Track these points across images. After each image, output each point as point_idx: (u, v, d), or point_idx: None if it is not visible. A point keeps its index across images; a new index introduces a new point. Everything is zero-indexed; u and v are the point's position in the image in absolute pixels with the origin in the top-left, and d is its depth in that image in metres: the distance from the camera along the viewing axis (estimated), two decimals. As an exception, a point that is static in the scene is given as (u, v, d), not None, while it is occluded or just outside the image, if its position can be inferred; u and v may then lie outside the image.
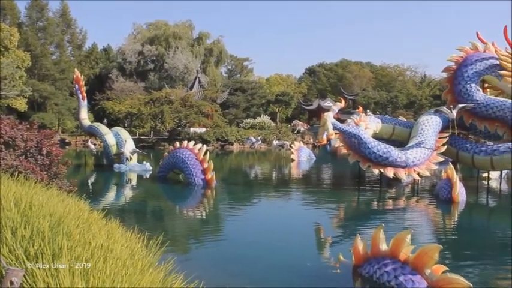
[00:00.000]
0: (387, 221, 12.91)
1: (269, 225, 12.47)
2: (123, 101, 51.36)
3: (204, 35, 76.32)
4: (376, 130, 19.87)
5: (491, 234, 12.24)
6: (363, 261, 7.53)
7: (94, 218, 6.69)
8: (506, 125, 18.36)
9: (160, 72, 68.36)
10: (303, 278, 7.63)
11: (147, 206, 15.54)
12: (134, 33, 73.52)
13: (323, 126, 16.64)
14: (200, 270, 7.00)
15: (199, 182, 18.10)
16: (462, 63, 19.61)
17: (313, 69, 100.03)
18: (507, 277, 8.18)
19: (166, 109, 48.10)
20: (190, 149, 18.84)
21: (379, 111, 65.81)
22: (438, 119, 18.91)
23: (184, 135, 46.91)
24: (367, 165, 17.07)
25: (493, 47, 19.67)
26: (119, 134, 26.19)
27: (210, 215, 14.24)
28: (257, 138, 49.50)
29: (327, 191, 19.79)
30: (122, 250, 4.75)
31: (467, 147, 18.66)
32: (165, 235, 9.22)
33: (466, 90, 19.09)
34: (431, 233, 12.02)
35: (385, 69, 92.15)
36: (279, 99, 75.15)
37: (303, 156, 33.56)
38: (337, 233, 11.82)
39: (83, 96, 27.81)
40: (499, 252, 10.07)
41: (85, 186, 19.28)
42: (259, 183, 22.44)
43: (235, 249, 9.59)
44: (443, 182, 16.01)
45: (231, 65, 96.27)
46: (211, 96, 55.63)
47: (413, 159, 16.88)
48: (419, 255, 6.65)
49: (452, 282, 6.33)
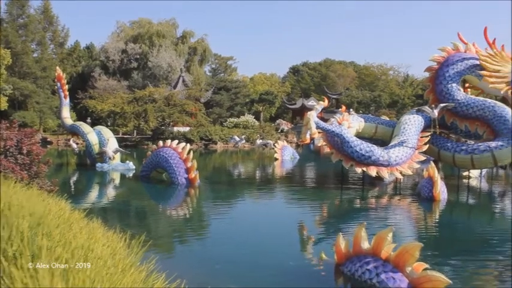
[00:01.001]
0: (369, 219, 13.02)
1: (252, 224, 12.49)
2: (106, 99, 50.83)
3: (188, 34, 75.95)
4: (359, 129, 20.03)
5: (471, 231, 12.41)
6: (345, 260, 7.59)
7: (75, 217, 6.63)
8: (486, 124, 18.64)
9: (143, 71, 67.86)
10: (285, 277, 7.66)
11: (129, 205, 15.45)
12: (117, 31, 72.86)
13: (306, 125, 16.71)
14: (182, 269, 6.99)
15: (183, 181, 18.04)
16: (444, 63, 19.86)
17: (297, 68, 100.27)
18: (486, 273, 8.32)
19: (150, 108, 47.82)
20: (174, 148, 18.76)
21: (362, 110, 66.26)
22: (420, 118, 19.13)
23: (168, 134, 46.71)
24: (350, 164, 17.19)
25: (474, 48, 19.95)
26: (101, 133, 25.97)
27: (193, 214, 14.21)
28: (241, 137, 49.48)
29: (310, 189, 19.86)
30: (103, 250, 4.72)
31: (448, 146, 18.91)
32: (148, 234, 9.19)
33: (447, 89, 19.34)
34: (412, 231, 12.15)
35: (369, 68, 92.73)
36: (262, 98, 75.25)
37: (286, 155, 33.62)
38: (320, 232, 11.89)
39: (65, 95, 27.51)
40: (479, 249, 10.23)
41: (67, 186, 19.08)
42: (242, 182, 22.44)
43: (218, 248, 9.58)
44: (425, 181, 16.19)
45: (215, 64, 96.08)
46: (195, 95, 55.39)
47: (396, 158, 17.05)
48: (400, 253, 6.74)
49: (432, 279, 6.43)
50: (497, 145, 17.55)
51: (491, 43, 19.11)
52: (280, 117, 76.99)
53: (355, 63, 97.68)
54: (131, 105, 48.68)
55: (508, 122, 17.82)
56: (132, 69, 68.04)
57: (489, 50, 19.16)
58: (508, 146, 17.47)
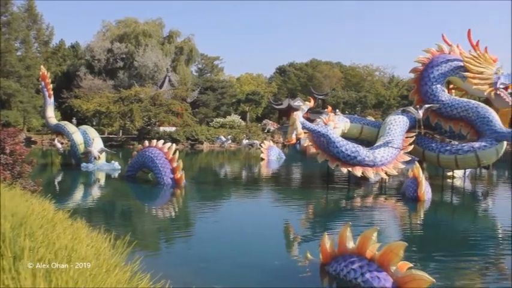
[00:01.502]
0: (355, 219, 13.09)
1: (238, 224, 12.49)
2: (92, 99, 50.38)
3: (175, 33, 75.69)
4: (345, 129, 20.12)
5: (455, 230, 12.53)
6: (330, 259, 7.62)
7: (59, 218, 6.57)
8: (470, 125, 18.86)
9: (129, 71, 67.43)
10: (271, 277, 7.67)
11: (115, 205, 15.35)
12: (103, 30, 72.30)
13: (292, 126, 16.76)
14: (168, 269, 6.97)
15: (168, 181, 17.97)
16: (428, 65, 20.04)
17: (283, 68, 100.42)
18: (469, 271, 8.41)
19: (136, 108, 47.54)
20: (160, 148, 18.69)
21: (348, 110, 66.64)
22: (405, 119, 19.28)
23: (154, 134, 46.48)
24: (336, 164, 17.26)
25: (458, 49, 20.16)
26: (86, 132, 25.77)
27: (178, 214, 14.16)
28: (227, 137, 49.43)
29: (297, 189, 19.91)
30: (87, 250, 4.69)
31: (433, 146, 19.09)
32: (133, 235, 9.15)
33: (432, 90, 19.52)
34: (397, 230, 12.25)
35: (355, 69, 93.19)
36: (249, 98, 75.26)
37: (272, 155, 33.67)
38: (306, 231, 11.92)
39: (49, 94, 27.22)
40: (462, 247, 10.35)
41: (51, 186, 18.90)
42: (229, 182, 22.43)
43: (204, 248, 9.56)
44: (410, 181, 16.31)
45: (202, 64, 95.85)
46: (181, 95, 55.18)
47: (381, 159, 17.16)
48: (385, 253, 6.79)
49: (416, 278, 6.49)
50: (481, 145, 17.76)
51: (474, 45, 19.33)
52: (267, 117, 77.05)
53: (341, 63, 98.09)
54: (117, 105, 48.35)
55: (491, 123, 18.04)
56: (118, 69, 67.57)
57: (473, 52, 19.38)
58: (491, 147, 17.69)
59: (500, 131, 17.87)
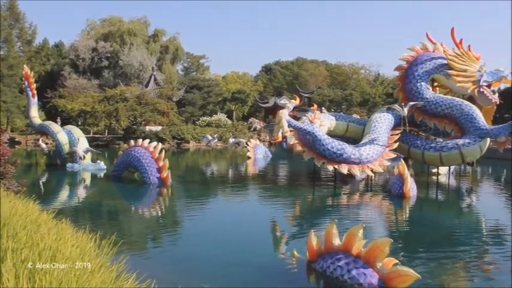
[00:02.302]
0: (341, 216, 13.15)
1: (225, 222, 12.47)
2: (76, 98, 49.93)
3: (160, 32, 75.36)
4: (331, 127, 20.19)
5: (440, 227, 12.66)
6: (317, 257, 7.64)
7: (43, 218, 6.51)
8: (454, 122, 19.04)
9: (114, 70, 66.97)
10: (258, 275, 7.67)
11: (101, 205, 15.21)
12: (87, 29, 71.74)
13: (278, 124, 16.77)
14: (154, 269, 6.94)
15: (155, 180, 17.89)
16: (413, 63, 20.18)
17: (269, 67, 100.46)
18: (454, 266, 8.50)
19: (121, 107, 47.22)
20: (145, 147, 18.60)
21: (334, 108, 66.83)
22: (390, 117, 19.40)
23: (140, 133, 46.26)
24: (322, 162, 17.31)
25: (442, 47, 20.33)
26: (71, 132, 25.52)
27: (165, 213, 14.10)
28: (213, 136, 49.34)
29: (283, 187, 19.95)
30: (72, 251, 4.64)
31: (418, 143, 19.24)
32: (119, 235, 9.10)
33: (416, 88, 19.66)
34: (383, 227, 12.33)
35: (340, 67, 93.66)
36: (235, 97, 75.21)
37: (259, 153, 33.69)
38: (293, 229, 11.95)
39: (33, 94, 26.89)
40: (447, 243, 10.46)
41: (36, 187, 18.70)
42: (215, 181, 22.40)
43: (191, 247, 9.53)
44: (395, 178, 16.43)
45: (187, 63, 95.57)
46: (167, 94, 54.96)
47: (367, 156, 17.24)
48: (371, 249, 6.84)
49: (402, 274, 6.57)
50: (465, 142, 17.95)
51: (458, 43, 19.52)
52: (253, 115, 77.05)
53: (327, 62, 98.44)
54: (102, 104, 48.00)
55: (474, 120, 18.24)
56: (103, 68, 67.08)
57: (456, 50, 19.57)
58: (474, 144, 17.89)
59: (484, 128, 18.09)
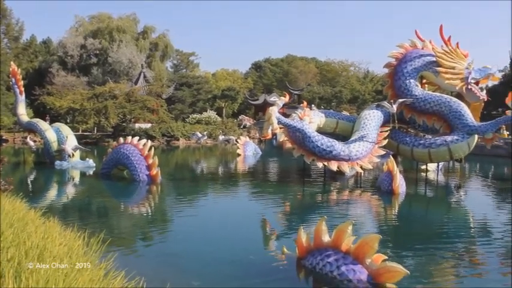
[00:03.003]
0: (331, 213, 13.19)
1: (215, 220, 12.44)
2: (65, 96, 49.48)
3: (149, 29, 74.96)
4: (320, 124, 20.23)
5: (429, 223, 12.75)
6: (306, 253, 7.66)
7: (31, 217, 6.46)
8: (443, 119, 19.17)
9: (103, 67, 66.48)
10: (247, 272, 7.66)
11: (89, 203, 15.12)
12: (76, 25, 71.12)
13: (268, 121, 16.77)
14: (143, 266, 6.92)
15: (144, 178, 17.82)
16: (402, 60, 20.28)
17: (259, 64, 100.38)
18: (443, 262, 8.56)
19: (110, 104, 46.92)
20: (135, 145, 18.52)
21: (324, 105, 67.02)
22: (379, 114, 19.48)
23: (129, 131, 46.00)
24: (312, 158, 17.35)
25: (430, 45, 20.45)
26: (60, 130, 25.30)
27: (154, 211, 14.04)
28: (203, 133, 49.22)
29: (273, 184, 19.96)
30: (59, 249, 4.60)
31: (407, 140, 19.35)
32: (109, 232, 9.07)
33: (405, 85, 19.77)
34: (372, 223, 12.38)
35: (330, 64, 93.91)
36: (225, 94, 75.02)
37: (249, 150, 33.68)
38: (282, 226, 11.95)
39: (20, 91, 26.61)
40: (436, 239, 10.53)
41: (24, 185, 18.53)
42: (205, 179, 22.35)
43: (180, 244, 9.51)
44: (384, 175, 16.50)
45: (177, 60, 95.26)
46: (156, 91, 54.70)
47: (356, 153, 17.32)
48: (360, 246, 6.86)
49: (391, 270, 6.60)
50: (453, 139, 18.10)
51: (446, 40, 19.66)
52: (243, 113, 76.90)
53: (316, 59, 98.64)
54: (91, 102, 47.66)
55: (462, 117, 18.38)
56: (92, 65, 66.57)
57: (445, 47, 19.70)
58: (462, 140, 18.04)
59: (472, 125, 18.24)
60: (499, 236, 10.91)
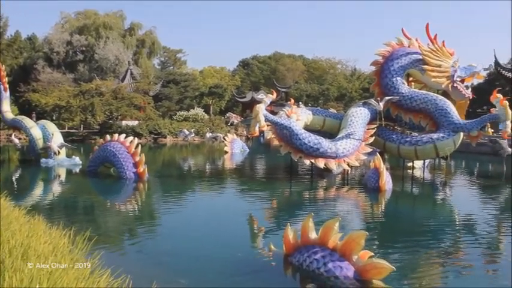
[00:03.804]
0: (318, 210, 13.23)
1: (203, 217, 12.42)
2: (51, 93, 49.00)
3: (136, 26, 74.44)
4: (308, 122, 20.25)
5: (415, 219, 12.85)
6: (294, 250, 7.68)
7: (15, 215, 6.39)
8: (429, 116, 19.31)
9: (90, 64, 65.92)
10: (235, 269, 7.67)
11: (76, 201, 15.00)
12: (62, 22, 70.34)
13: (255, 118, 16.76)
14: (129, 264, 6.88)
15: (131, 175, 17.73)
16: (388, 58, 20.36)
17: (246, 61, 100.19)
18: (429, 259, 8.63)
19: (97, 101, 46.57)
20: (121, 142, 18.41)
21: (311, 103, 67.09)
22: (366, 111, 19.54)
23: (116, 128, 45.65)
24: (299, 156, 17.37)
25: (417, 43, 20.56)
26: (45, 127, 25.06)
27: (141, 208, 13.99)
28: (190, 130, 49.04)
29: (260, 182, 19.98)
30: (44, 247, 4.56)
31: (393, 138, 19.44)
32: (95, 230, 9.01)
33: (392, 83, 19.86)
34: (359, 220, 12.46)
35: (317, 62, 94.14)
36: (212, 91, 74.84)
37: (236, 148, 33.66)
38: (270, 223, 11.97)
39: (4, 88, 26.29)
40: (422, 236, 10.62)
41: (8, 183, 18.30)
42: (192, 176, 22.30)
43: (167, 242, 9.48)
44: (371, 172, 16.59)
45: (164, 57, 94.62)
46: (143, 89, 54.39)
47: (343, 150, 17.37)
48: (347, 242, 6.90)
49: (377, 266, 6.66)
50: (439, 137, 18.22)
51: (432, 39, 19.78)
52: (230, 110, 76.77)
53: (304, 57, 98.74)
54: (77, 99, 47.27)
55: (448, 115, 18.52)
56: (78, 62, 65.94)
57: (431, 45, 19.83)
58: (448, 138, 18.18)
59: (457, 123, 18.39)
60: (483, 233, 11.04)
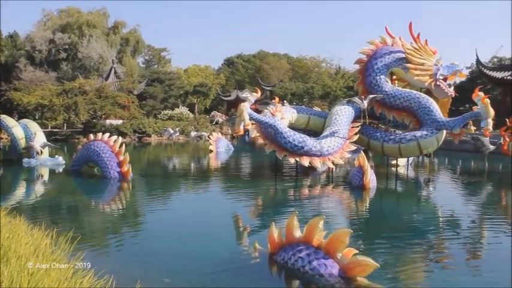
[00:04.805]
0: (303, 208, 13.27)
1: (187, 216, 12.39)
2: (33, 91, 48.39)
3: (120, 24, 73.90)
4: (292, 120, 20.28)
5: (399, 217, 12.95)
6: (279, 249, 7.68)
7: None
8: (412, 114, 19.49)
9: (73, 62, 65.28)
10: (220, 268, 7.64)
11: (59, 201, 14.80)
12: (44, 19, 69.51)
13: (240, 117, 16.74)
14: (113, 264, 6.82)
15: (115, 175, 17.59)
16: (372, 56, 20.49)
17: (231, 60, 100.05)
18: (413, 256, 8.70)
19: (80, 100, 46.08)
20: (105, 141, 18.26)
21: (296, 101, 67.24)
22: (350, 109, 19.65)
23: (100, 127, 45.28)
24: (284, 154, 17.39)
25: (400, 41, 20.72)
26: (27, 126, 24.74)
27: (125, 208, 13.88)
28: (175, 129, 48.86)
29: (245, 180, 19.96)
30: (25, 248, 4.50)
31: (377, 136, 19.57)
32: (78, 231, 8.93)
33: (376, 81, 19.99)
34: (344, 218, 12.50)
35: (302, 61, 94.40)
36: (197, 90, 74.63)
37: (221, 147, 33.60)
38: (255, 222, 11.98)
39: (-14, 87, 25.98)
40: (407, 233, 10.70)
41: (-11, 183, 18.06)
42: (177, 175, 22.21)
43: (152, 241, 9.43)
44: (356, 170, 16.66)
45: (148, 56, 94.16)
46: (127, 87, 53.98)
47: (328, 148, 17.43)
48: (331, 240, 6.93)
49: (361, 264, 6.70)
50: (422, 134, 18.41)
51: (415, 37, 19.94)
52: (215, 109, 76.63)
53: (288, 55, 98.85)
54: (60, 98, 46.70)
55: (431, 113, 18.71)
56: (61, 60, 65.24)
57: (414, 44, 19.99)
58: (432, 135, 18.37)
59: (440, 120, 18.60)
60: (466, 228, 11.19)
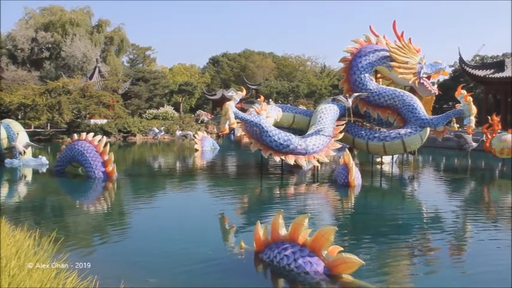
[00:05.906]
0: (288, 206, 13.30)
1: (172, 216, 12.34)
2: (16, 91, 47.78)
3: (104, 23, 73.21)
4: (277, 119, 20.31)
5: (384, 214, 13.03)
6: (264, 247, 7.69)
7: (-23, 217, 6.19)
8: (397, 112, 19.65)
9: (56, 61, 64.56)
10: (205, 267, 7.62)
11: (43, 202, 14.64)
12: (26, 18, 68.65)
13: (225, 116, 16.72)
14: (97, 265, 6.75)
15: (100, 174, 17.45)
16: (357, 54, 20.58)
17: (216, 59, 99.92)
18: (397, 253, 8.77)
19: (64, 100, 45.57)
20: (90, 141, 18.10)
21: (281, 100, 67.40)
22: (335, 107, 19.74)
23: (84, 127, 44.87)
24: (269, 153, 17.42)
25: (384, 40, 20.85)
26: (10, 126, 24.38)
27: (110, 208, 13.77)
28: (160, 128, 48.65)
29: (231, 179, 19.94)
30: (7, 250, 4.44)
31: (362, 133, 19.70)
32: (62, 232, 8.85)
33: (360, 79, 20.10)
34: (329, 216, 12.57)
35: (287, 59, 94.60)
36: (182, 89, 74.46)
37: (206, 146, 33.51)
38: (241, 220, 11.98)
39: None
40: (390, 230, 10.79)
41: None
42: (163, 175, 22.10)
43: (136, 242, 9.37)
44: (341, 168, 16.73)
45: (133, 54, 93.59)
46: (112, 86, 53.53)
47: (313, 147, 17.49)
48: (316, 238, 6.96)
49: (346, 261, 6.74)
50: (406, 132, 18.58)
51: (399, 36, 20.09)
52: (201, 108, 76.49)
53: (274, 54, 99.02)
54: (43, 97, 46.16)
55: (415, 110, 18.89)
56: (44, 59, 64.50)
57: (398, 42, 20.14)
58: (416, 133, 18.55)
59: (424, 118, 18.79)
60: (450, 224, 11.32)
